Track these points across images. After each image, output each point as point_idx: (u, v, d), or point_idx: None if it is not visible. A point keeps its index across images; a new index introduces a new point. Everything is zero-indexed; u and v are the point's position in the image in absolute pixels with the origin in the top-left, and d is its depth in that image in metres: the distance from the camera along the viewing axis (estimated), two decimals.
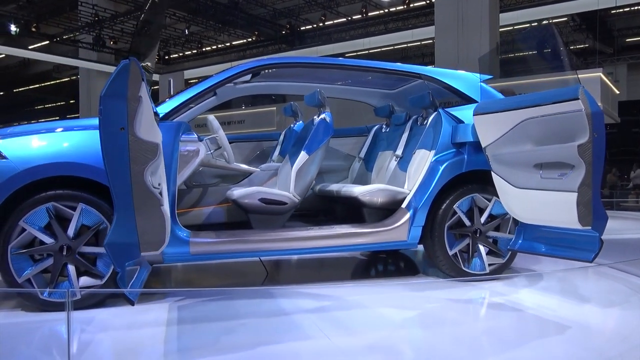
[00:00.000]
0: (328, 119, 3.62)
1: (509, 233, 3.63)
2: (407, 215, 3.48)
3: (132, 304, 2.30)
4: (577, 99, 2.78)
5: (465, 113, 3.73)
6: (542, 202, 3.07)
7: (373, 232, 3.44)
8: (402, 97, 4.60)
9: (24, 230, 2.78)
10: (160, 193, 2.45)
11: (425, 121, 3.91)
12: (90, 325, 2.66)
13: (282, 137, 4.58)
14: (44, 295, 2.77)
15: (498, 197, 3.52)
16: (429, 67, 4.17)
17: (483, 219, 3.63)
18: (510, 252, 3.65)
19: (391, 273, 4.39)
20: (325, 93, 3.78)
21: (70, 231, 2.85)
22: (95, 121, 3.13)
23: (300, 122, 4.54)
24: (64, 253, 2.82)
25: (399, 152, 4.07)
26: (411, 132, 4.10)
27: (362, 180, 4.42)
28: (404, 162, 3.95)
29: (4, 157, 2.80)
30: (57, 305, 2.78)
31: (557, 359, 2.27)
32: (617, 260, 3.93)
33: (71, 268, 2.84)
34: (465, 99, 3.90)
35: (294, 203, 3.48)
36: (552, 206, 2.97)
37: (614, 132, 15.27)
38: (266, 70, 3.95)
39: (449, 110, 3.82)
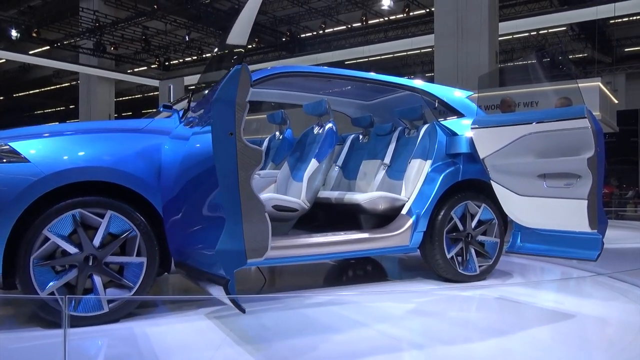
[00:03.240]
0: (334, 128, 3.73)
1: (494, 237, 3.90)
2: (410, 221, 3.64)
3: (244, 310, 2.23)
4: (585, 117, 3.09)
5: (452, 125, 3.98)
6: (551, 209, 3.35)
7: (381, 237, 3.56)
8: (379, 108, 4.78)
9: (47, 239, 2.53)
10: None
11: (416, 132, 4.12)
12: (124, 340, 2.48)
13: (266, 143, 4.61)
14: (68, 309, 2.49)
15: (487, 205, 3.86)
16: (425, 83, 4.36)
17: (474, 224, 3.84)
18: (496, 254, 3.91)
19: (374, 277, 4.39)
20: (303, 102, 3.88)
21: (97, 240, 2.63)
22: (124, 124, 3.08)
23: (289, 129, 4.57)
24: (90, 263, 2.60)
25: (387, 160, 4.21)
26: (399, 142, 4.26)
27: (342, 187, 4.54)
28: (393, 171, 4.12)
29: (26, 160, 2.54)
30: (83, 319, 2.57)
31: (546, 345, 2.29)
32: (616, 270, 3.96)
33: (97, 279, 2.63)
34: (453, 112, 4.15)
35: (304, 210, 3.52)
36: (563, 212, 3.27)
37: (612, 141, 15.29)
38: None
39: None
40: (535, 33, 18.03)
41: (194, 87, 3.15)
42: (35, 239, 2.51)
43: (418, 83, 4.27)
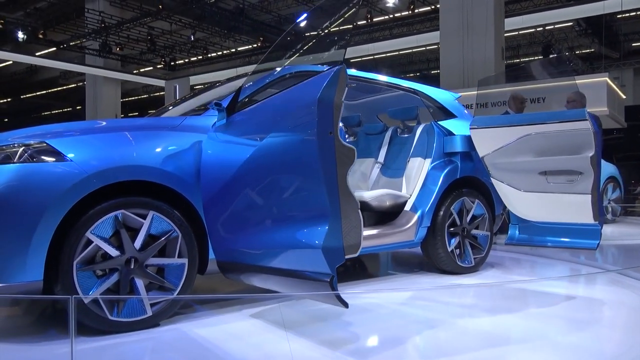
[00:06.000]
0: (344, 128, 3.77)
1: (486, 230, 4.16)
2: (416, 217, 3.78)
3: (347, 305, 2.22)
4: (586, 120, 3.34)
5: (448, 125, 4.21)
6: (555, 203, 3.61)
7: (390, 233, 3.68)
8: (363, 108, 4.88)
9: (89, 242, 2.43)
10: None
11: (410, 132, 4.34)
12: (169, 343, 2.42)
13: None
14: (113, 315, 2.47)
15: (479, 200, 4.10)
16: (423, 85, 4.51)
17: (469, 219, 4.06)
18: (487, 247, 4.15)
19: (379, 273, 4.38)
20: None
21: (138, 242, 2.54)
22: (157, 121, 2.99)
23: None
24: (132, 266, 2.52)
25: (381, 159, 4.40)
26: (392, 142, 4.45)
27: None
28: (389, 169, 4.32)
29: (67, 159, 2.41)
30: (127, 325, 2.51)
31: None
32: (626, 267, 3.97)
33: (139, 282, 2.55)
34: (447, 114, 4.38)
35: None
36: (568, 206, 3.54)
37: (620, 136, 15.18)
38: None
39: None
40: (541, 29, 17.91)
41: (240, 84, 3.02)
42: (78, 242, 2.40)
43: (417, 86, 4.43)
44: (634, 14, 16.85)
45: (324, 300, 2.32)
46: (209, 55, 21.97)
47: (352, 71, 3.99)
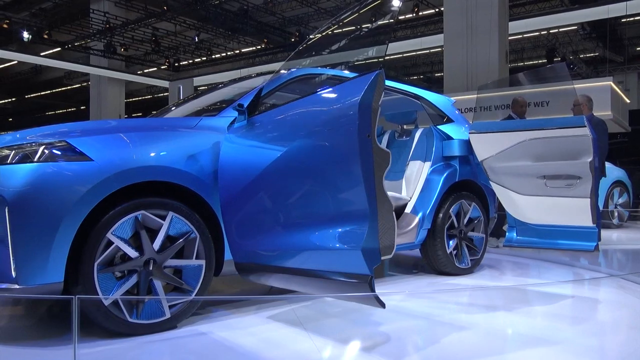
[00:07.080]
0: None
1: (481, 233, 4.22)
2: (417, 220, 3.84)
3: (384, 305, 2.23)
4: (585, 126, 3.42)
5: (447, 129, 4.28)
6: (554, 206, 3.69)
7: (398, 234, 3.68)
8: None
9: (110, 243, 2.38)
10: None
11: (409, 135, 4.44)
12: (185, 346, 2.40)
13: None
14: (132, 317, 2.43)
15: (476, 203, 4.17)
16: (421, 89, 4.55)
17: (466, 221, 4.14)
18: (483, 249, 4.22)
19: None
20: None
21: (157, 243, 2.51)
22: (173, 122, 2.98)
23: None
24: (150, 268, 2.48)
25: None
26: (391, 145, 4.57)
27: None
28: (388, 172, 4.31)
29: (89, 159, 2.36)
30: (146, 327, 2.47)
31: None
32: (630, 272, 3.97)
33: (158, 284, 2.52)
34: (444, 118, 4.44)
35: None
36: (567, 209, 3.62)
37: (624, 140, 15.13)
38: None
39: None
40: (545, 32, 17.89)
41: (262, 85, 3.03)
42: (99, 243, 2.36)
43: (415, 90, 4.47)
44: (638, 18, 16.81)
45: (360, 300, 2.34)
46: (213, 56, 22.00)
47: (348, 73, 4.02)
